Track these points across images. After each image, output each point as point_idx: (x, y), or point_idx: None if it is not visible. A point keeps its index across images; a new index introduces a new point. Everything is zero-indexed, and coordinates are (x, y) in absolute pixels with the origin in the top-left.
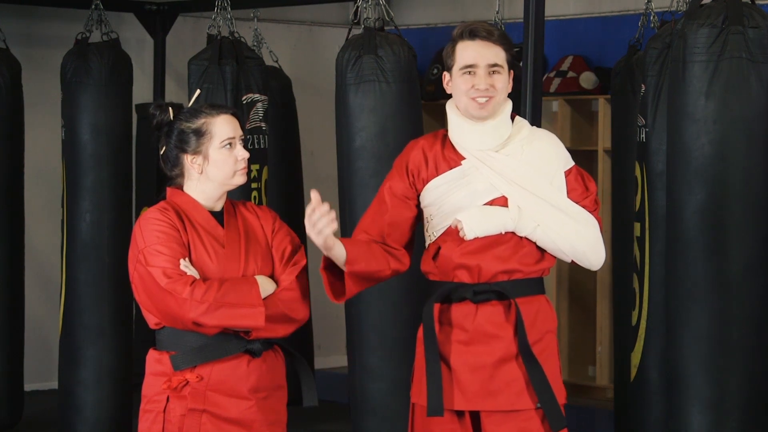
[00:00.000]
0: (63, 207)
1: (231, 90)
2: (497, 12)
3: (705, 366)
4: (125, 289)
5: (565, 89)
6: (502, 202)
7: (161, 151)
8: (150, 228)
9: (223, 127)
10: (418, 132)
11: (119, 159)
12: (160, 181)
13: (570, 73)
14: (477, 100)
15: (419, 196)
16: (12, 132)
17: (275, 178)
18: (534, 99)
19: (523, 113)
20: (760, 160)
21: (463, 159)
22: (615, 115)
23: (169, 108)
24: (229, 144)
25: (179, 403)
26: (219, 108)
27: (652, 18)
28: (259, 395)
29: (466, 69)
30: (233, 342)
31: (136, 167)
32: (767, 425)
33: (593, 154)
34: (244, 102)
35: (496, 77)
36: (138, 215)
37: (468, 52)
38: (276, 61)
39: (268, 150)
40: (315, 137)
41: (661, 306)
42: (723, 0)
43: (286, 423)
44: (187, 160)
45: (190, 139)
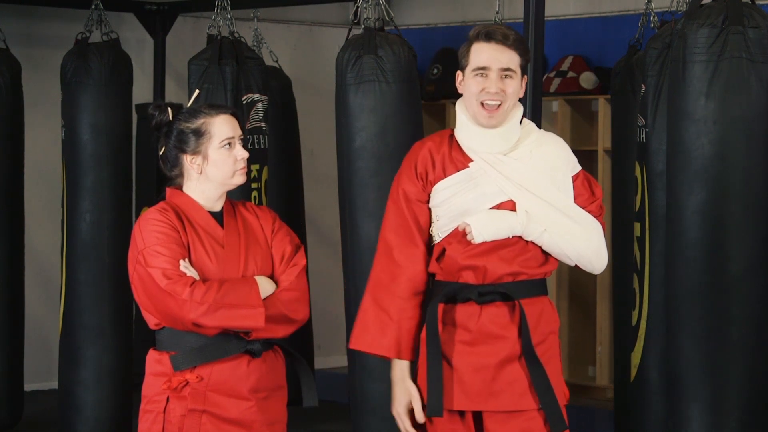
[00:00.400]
0: (63, 207)
1: (231, 90)
2: (497, 12)
3: (705, 366)
4: (125, 289)
5: (565, 89)
6: (509, 206)
7: (161, 152)
8: (149, 229)
9: (223, 127)
10: (418, 132)
11: (119, 159)
12: (160, 181)
13: (570, 73)
14: (486, 104)
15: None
16: (12, 132)
17: (275, 178)
18: (534, 99)
19: (523, 113)
20: (760, 160)
21: (470, 161)
22: (615, 115)
23: (168, 108)
24: (229, 144)
25: (179, 404)
26: (218, 108)
27: (652, 18)
28: (259, 395)
29: (478, 71)
30: (233, 342)
31: (136, 167)
32: (767, 425)
33: (593, 154)
34: (244, 102)
35: (507, 81)
36: (138, 215)
37: (482, 54)
38: (276, 61)
39: (268, 150)
40: (315, 137)
41: (661, 306)
42: (723, 0)
43: (286, 423)
44: (187, 160)
45: (189, 140)
